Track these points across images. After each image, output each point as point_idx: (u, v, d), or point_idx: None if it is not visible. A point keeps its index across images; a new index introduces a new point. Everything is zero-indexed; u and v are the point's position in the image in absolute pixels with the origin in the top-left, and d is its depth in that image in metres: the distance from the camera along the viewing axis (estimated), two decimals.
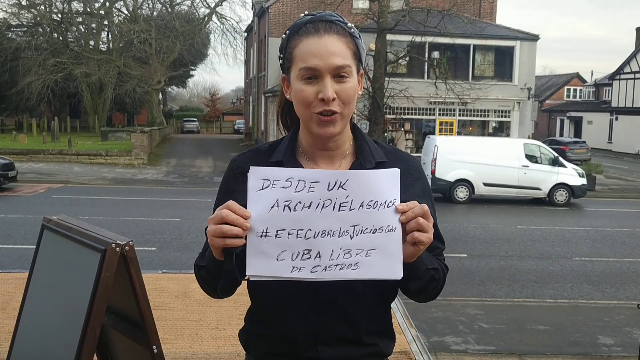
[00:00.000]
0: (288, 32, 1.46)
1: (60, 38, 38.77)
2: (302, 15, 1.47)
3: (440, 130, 25.99)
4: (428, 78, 24.79)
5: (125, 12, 40.59)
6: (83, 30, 41.75)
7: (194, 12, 42.11)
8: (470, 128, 26.80)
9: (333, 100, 1.39)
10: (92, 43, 40.69)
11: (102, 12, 39.96)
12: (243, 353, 1.62)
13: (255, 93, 36.94)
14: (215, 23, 50.56)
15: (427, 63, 24.52)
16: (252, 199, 1.30)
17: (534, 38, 26.67)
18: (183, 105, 72.67)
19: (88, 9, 39.50)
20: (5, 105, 43.75)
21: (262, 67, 33.64)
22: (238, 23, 54.75)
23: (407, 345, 4.72)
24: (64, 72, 34.89)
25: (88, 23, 40.59)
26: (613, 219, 15.20)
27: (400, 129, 25.44)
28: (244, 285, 1.54)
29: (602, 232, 13.10)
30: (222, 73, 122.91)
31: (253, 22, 38.03)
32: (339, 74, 1.40)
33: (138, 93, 37.91)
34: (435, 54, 25.68)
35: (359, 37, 1.47)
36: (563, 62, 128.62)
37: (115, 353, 2.31)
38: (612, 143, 41.56)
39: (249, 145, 32.20)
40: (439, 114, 25.97)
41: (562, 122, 48.98)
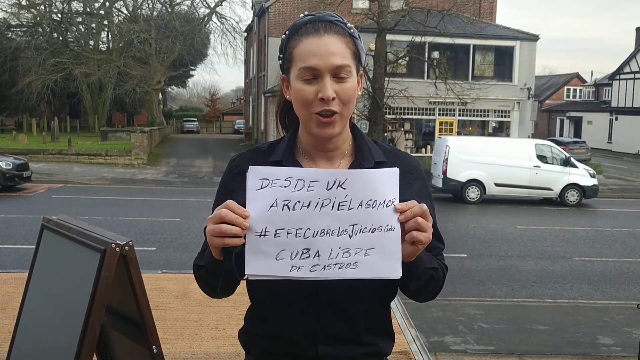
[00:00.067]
0: (288, 32, 1.46)
1: (60, 38, 38.77)
2: (302, 16, 1.47)
3: (440, 130, 25.98)
4: (428, 78, 24.78)
5: (125, 12, 40.61)
6: (83, 30, 41.75)
7: (194, 12, 42.16)
8: (470, 128, 26.77)
9: (333, 100, 1.39)
10: (92, 43, 40.70)
11: (102, 12, 39.96)
12: (243, 353, 1.62)
13: (255, 93, 36.94)
14: (215, 23, 50.60)
15: (427, 63, 24.51)
16: (251, 199, 1.30)
17: (534, 38, 26.66)
18: (183, 105, 72.67)
19: (88, 9, 39.50)
20: (5, 105, 43.75)
21: (262, 67, 33.64)
22: (238, 23, 54.65)
23: (406, 345, 4.72)
24: (64, 72, 34.89)
25: (88, 23, 40.59)
26: (613, 219, 15.20)
27: (400, 129, 25.43)
28: (244, 286, 1.54)
29: (601, 232, 13.10)
30: (222, 73, 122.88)
31: (253, 22, 38.03)
32: (339, 74, 1.40)
33: (138, 93, 37.92)
34: (435, 54, 25.66)
35: (359, 37, 1.47)
36: (563, 62, 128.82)
37: (115, 353, 2.31)
38: (611, 143, 41.58)
39: (249, 145, 32.17)
40: (439, 114, 25.96)
41: (562, 122, 48.99)
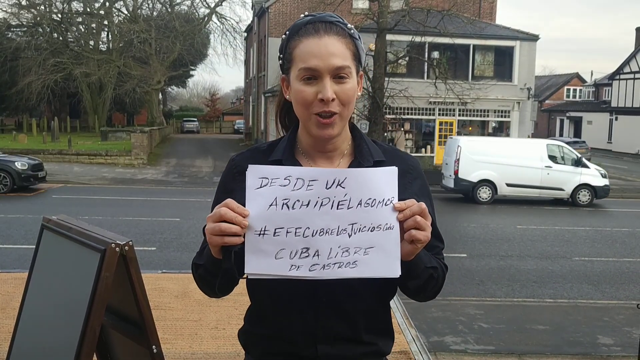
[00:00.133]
0: (288, 32, 1.46)
1: (60, 38, 38.78)
2: (302, 16, 1.47)
3: (440, 130, 25.99)
4: (428, 78, 24.78)
5: (125, 12, 40.63)
6: (83, 30, 41.77)
7: (194, 12, 42.18)
8: (470, 128, 26.77)
9: (332, 101, 1.39)
10: (92, 43, 40.71)
11: (102, 12, 39.97)
12: (242, 353, 1.62)
13: (255, 93, 36.94)
14: (215, 23, 50.62)
15: (426, 63, 24.51)
16: (250, 197, 1.30)
17: (534, 38, 26.66)
18: (183, 105, 72.68)
19: (88, 9, 39.51)
20: (5, 105, 43.76)
21: (261, 67, 33.64)
22: (238, 23, 54.72)
23: (406, 345, 4.72)
24: (64, 72, 34.90)
25: (88, 23, 40.60)
26: (613, 219, 15.20)
27: (400, 129, 25.44)
28: (243, 285, 1.54)
29: (601, 232, 13.10)
30: (222, 73, 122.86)
31: (253, 22, 38.04)
32: (339, 75, 1.40)
33: (138, 93, 37.93)
34: (435, 54, 25.67)
35: (359, 38, 1.47)
36: (563, 62, 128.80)
37: (115, 353, 2.31)
38: (611, 143, 41.58)
39: (249, 145, 32.14)
40: (439, 114, 25.96)
41: (561, 122, 49.00)
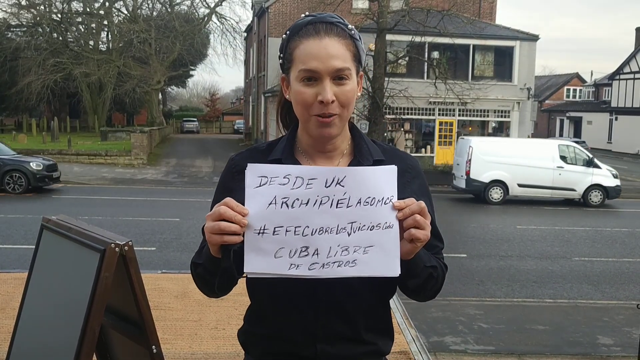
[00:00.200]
0: (288, 32, 1.46)
1: (60, 38, 38.78)
2: (302, 16, 1.46)
3: (440, 131, 25.99)
4: (428, 78, 24.77)
5: (125, 12, 40.63)
6: (83, 30, 41.76)
7: (194, 12, 42.19)
8: (470, 128, 26.77)
9: (332, 103, 1.39)
10: (91, 43, 40.71)
11: (101, 12, 39.98)
12: (242, 353, 1.62)
13: (255, 93, 36.94)
14: (215, 23, 50.60)
15: (426, 63, 24.51)
16: (249, 196, 1.30)
17: (534, 38, 26.66)
18: (183, 105, 72.68)
19: (88, 9, 39.51)
20: (5, 105, 43.77)
21: (261, 67, 33.64)
22: (238, 23, 54.73)
23: (406, 345, 4.71)
24: (64, 72, 34.90)
25: (88, 23, 40.60)
26: (612, 219, 15.21)
27: (400, 129, 25.44)
28: (243, 285, 1.54)
29: (601, 232, 13.10)
30: (221, 73, 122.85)
31: (253, 22, 38.04)
32: (339, 76, 1.40)
33: (138, 93, 37.94)
34: (435, 54, 25.67)
35: (359, 38, 1.47)
36: (563, 62, 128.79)
37: (115, 353, 2.31)
38: (611, 143, 41.59)
39: (249, 145, 32.17)
40: (439, 114, 25.96)
41: (561, 122, 49.02)
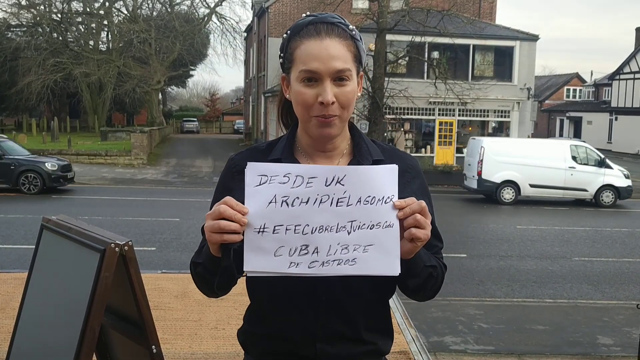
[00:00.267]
0: (289, 32, 1.46)
1: (60, 38, 38.77)
2: (303, 16, 1.46)
3: (440, 131, 25.98)
4: (428, 78, 24.75)
5: (125, 12, 40.62)
6: (83, 30, 41.75)
7: (194, 12, 42.17)
8: (470, 128, 26.76)
9: (332, 104, 1.39)
10: (91, 43, 40.70)
11: (101, 12, 39.97)
12: (242, 353, 1.62)
13: (255, 93, 36.94)
14: (215, 23, 50.59)
15: (426, 63, 24.50)
16: (249, 195, 1.30)
17: (534, 38, 26.65)
18: (183, 105, 72.67)
19: (88, 9, 39.50)
20: (5, 105, 43.76)
21: (261, 67, 33.64)
22: (238, 23, 54.72)
23: (406, 345, 4.71)
24: (64, 72, 34.89)
25: (88, 23, 40.59)
26: (612, 219, 15.21)
27: (400, 129, 25.43)
28: (243, 286, 1.54)
29: (601, 232, 13.10)
30: (221, 73, 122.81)
31: (253, 22, 38.03)
32: (339, 77, 1.40)
33: (138, 93, 37.94)
34: (435, 54, 25.65)
35: (360, 39, 1.47)
36: (563, 62, 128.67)
37: (115, 353, 2.31)
38: (611, 143, 41.58)
39: (249, 145, 32.18)
40: (439, 114, 25.94)
41: (561, 122, 49.00)
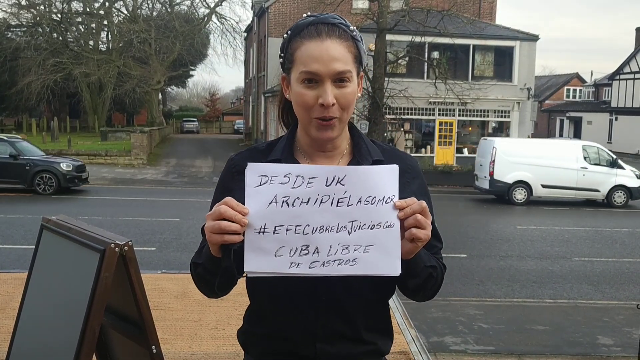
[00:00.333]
0: (290, 32, 1.45)
1: (60, 38, 38.77)
2: (304, 16, 1.46)
3: (440, 131, 25.98)
4: (428, 78, 24.75)
5: (125, 12, 40.63)
6: (83, 30, 41.75)
7: (194, 12, 42.19)
8: (470, 128, 26.77)
9: (332, 106, 1.39)
10: (91, 43, 40.70)
11: (101, 12, 39.97)
12: (242, 353, 1.61)
13: (255, 93, 36.94)
14: (215, 23, 50.60)
15: (426, 63, 24.49)
16: (250, 195, 1.30)
17: (534, 38, 26.65)
18: (183, 105, 72.69)
19: (88, 9, 39.50)
20: (5, 105, 43.75)
21: (261, 67, 33.64)
22: (238, 23, 54.77)
23: (406, 346, 4.71)
24: (64, 72, 34.89)
25: (88, 23, 40.59)
26: (612, 219, 15.20)
27: (400, 129, 25.42)
28: (243, 286, 1.54)
29: (601, 232, 13.10)
30: (221, 73, 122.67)
31: (253, 22, 38.03)
32: (340, 79, 1.40)
33: (138, 93, 37.94)
34: (435, 54, 25.64)
35: (361, 39, 1.46)
36: (563, 62, 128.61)
37: (114, 353, 2.31)
38: (611, 143, 41.55)
39: (249, 145, 32.16)
40: (439, 114, 25.94)
41: (561, 122, 48.99)
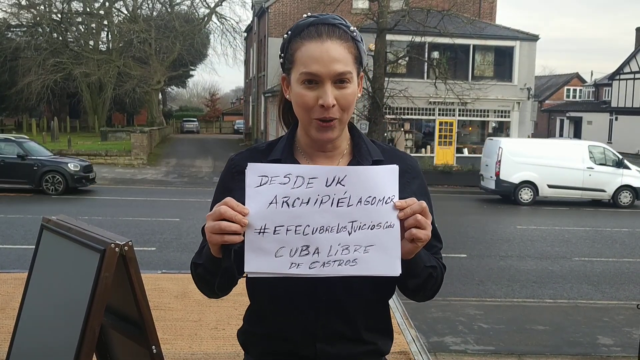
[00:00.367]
0: (290, 32, 1.45)
1: (60, 38, 38.76)
2: (304, 17, 1.46)
3: (440, 131, 25.99)
4: (428, 78, 24.75)
5: (125, 12, 40.62)
6: (83, 30, 41.75)
7: (194, 12, 42.18)
8: (470, 128, 26.77)
9: (333, 107, 1.39)
10: (91, 43, 40.69)
11: (101, 12, 39.97)
12: (242, 353, 1.61)
13: (255, 93, 36.94)
14: (215, 23, 50.62)
15: (426, 63, 24.49)
16: (250, 196, 1.30)
17: (534, 38, 26.65)
18: (183, 105, 72.69)
19: (88, 9, 39.49)
20: (5, 105, 43.75)
21: (261, 67, 33.64)
22: (238, 23, 54.77)
23: (406, 346, 4.71)
24: (64, 72, 34.89)
25: (88, 23, 40.59)
26: (612, 219, 15.20)
27: (400, 129, 25.43)
28: (243, 286, 1.54)
29: (601, 232, 13.10)
30: (221, 73, 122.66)
31: (253, 22, 38.04)
32: (340, 80, 1.40)
33: (138, 93, 37.94)
34: (435, 54, 25.64)
35: (361, 40, 1.46)
36: (563, 62, 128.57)
37: (115, 353, 2.31)
38: (611, 143, 41.53)
39: (249, 145, 32.15)
40: (439, 114, 25.94)
41: (561, 122, 48.98)
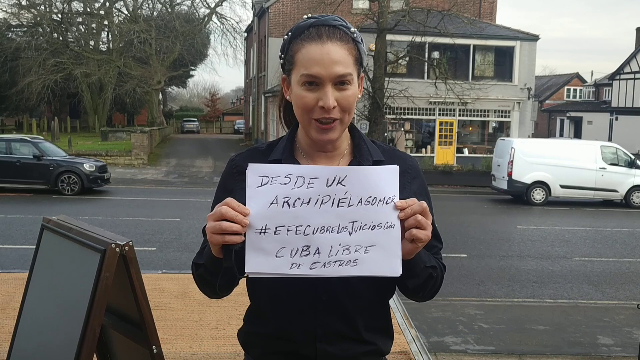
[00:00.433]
0: (290, 33, 1.45)
1: (60, 38, 38.75)
2: (305, 17, 1.46)
3: (440, 131, 25.99)
4: (428, 78, 24.76)
5: (125, 12, 40.60)
6: (83, 31, 41.75)
7: (194, 12, 42.17)
8: (470, 128, 26.78)
9: (333, 108, 1.40)
10: (92, 43, 40.70)
11: (102, 12, 39.95)
12: (242, 353, 1.62)
13: (255, 93, 36.95)
14: (215, 23, 50.77)
15: (427, 63, 24.50)
16: (250, 196, 1.30)
17: (534, 38, 26.65)
18: (183, 106, 72.69)
19: (88, 9, 39.48)
20: (5, 106, 43.74)
21: (262, 67, 33.65)
22: (238, 23, 54.84)
23: (406, 346, 4.72)
24: (64, 72, 34.88)
25: (88, 23, 40.59)
26: (612, 219, 15.20)
27: (400, 129, 25.43)
28: (243, 286, 1.54)
29: (601, 232, 13.10)
30: (222, 73, 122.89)
31: (253, 22, 38.04)
32: (340, 82, 1.40)
33: (138, 93, 37.92)
34: (435, 54, 25.64)
35: (361, 41, 1.46)
36: (563, 62, 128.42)
37: (115, 353, 2.31)
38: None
39: (249, 146, 32.15)
40: (439, 114, 25.95)
41: (562, 122, 48.95)
